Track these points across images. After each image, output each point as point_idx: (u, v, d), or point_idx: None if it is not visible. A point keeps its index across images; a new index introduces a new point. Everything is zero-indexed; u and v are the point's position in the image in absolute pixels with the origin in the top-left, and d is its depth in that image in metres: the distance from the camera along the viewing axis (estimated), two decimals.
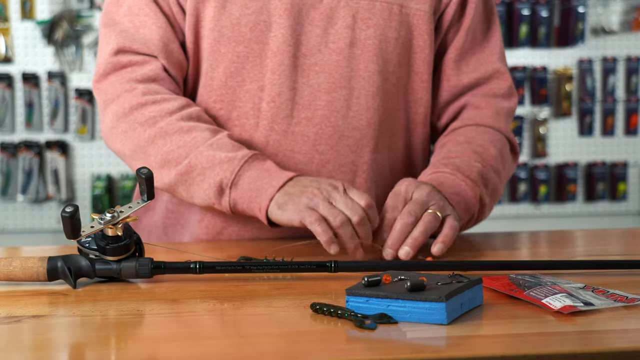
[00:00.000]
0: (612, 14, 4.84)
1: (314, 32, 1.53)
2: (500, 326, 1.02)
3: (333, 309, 1.03)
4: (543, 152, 4.83)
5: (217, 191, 1.46)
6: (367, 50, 1.55)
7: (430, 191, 1.40)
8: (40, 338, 1.00)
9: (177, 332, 1.01)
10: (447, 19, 1.60)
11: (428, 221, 1.37)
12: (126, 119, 1.52)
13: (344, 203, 1.36)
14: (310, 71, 1.53)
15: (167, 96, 1.53)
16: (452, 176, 1.49)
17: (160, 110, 1.51)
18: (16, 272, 1.19)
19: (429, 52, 1.59)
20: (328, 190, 1.38)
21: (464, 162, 1.52)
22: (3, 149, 4.49)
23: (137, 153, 1.52)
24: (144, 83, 1.53)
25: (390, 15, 1.56)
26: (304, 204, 1.37)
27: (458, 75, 1.63)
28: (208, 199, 1.47)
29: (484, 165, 1.53)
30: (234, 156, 1.46)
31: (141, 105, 1.52)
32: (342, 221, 1.34)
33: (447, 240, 1.37)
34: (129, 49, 1.55)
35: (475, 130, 1.60)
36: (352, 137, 1.56)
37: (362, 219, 1.35)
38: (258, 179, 1.44)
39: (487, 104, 1.63)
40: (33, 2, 4.49)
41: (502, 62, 1.65)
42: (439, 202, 1.40)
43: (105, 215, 1.18)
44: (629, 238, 1.73)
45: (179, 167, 1.48)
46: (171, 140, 1.49)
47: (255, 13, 1.52)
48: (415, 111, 1.61)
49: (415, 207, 1.37)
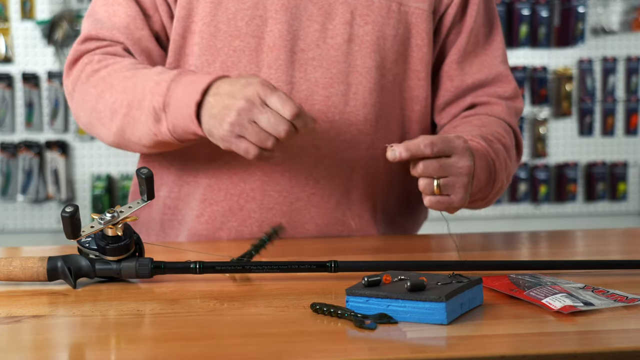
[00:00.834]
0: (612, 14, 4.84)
1: (312, 27, 1.54)
2: (500, 326, 1.02)
3: (333, 309, 1.03)
4: (543, 152, 4.83)
5: (155, 119, 1.45)
6: (365, 46, 1.55)
7: (468, 168, 1.35)
8: (40, 338, 1.00)
9: (177, 332, 1.01)
10: (448, 20, 1.60)
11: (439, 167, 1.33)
12: (83, 87, 1.55)
13: (267, 121, 1.32)
14: (307, 66, 1.54)
15: (120, 58, 1.54)
16: (484, 150, 1.46)
17: (110, 69, 1.52)
18: (16, 272, 1.19)
19: (426, 51, 1.59)
20: (248, 110, 1.34)
21: (490, 139, 1.51)
22: (3, 149, 4.49)
23: (93, 115, 1.54)
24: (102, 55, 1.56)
25: (389, 12, 1.56)
26: (228, 131, 1.35)
27: (462, 76, 1.62)
28: (151, 133, 1.46)
29: (505, 149, 1.53)
30: (161, 78, 1.45)
31: (95, 71, 1.54)
32: (272, 144, 1.33)
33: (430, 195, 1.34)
34: (95, 36, 1.58)
35: (489, 119, 1.60)
36: (349, 133, 1.56)
37: (289, 134, 1.33)
38: (186, 91, 1.42)
39: (498, 101, 1.63)
40: (33, 2, 4.49)
41: (504, 66, 1.65)
42: (463, 180, 1.36)
43: (105, 215, 1.18)
44: (629, 238, 1.73)
45: (121, 110, 1.49)
46: (115, 89, 1.50)
47: (252, 8, 1.53)
48: (411, 109, 1.61)
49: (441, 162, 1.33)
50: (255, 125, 1.34)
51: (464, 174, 1.34)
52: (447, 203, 1.35)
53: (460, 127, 1.56)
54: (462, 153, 1.34)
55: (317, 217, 1.56)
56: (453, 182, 1.34)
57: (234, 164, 1.55)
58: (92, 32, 1.58)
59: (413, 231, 1.71)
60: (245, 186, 1.55)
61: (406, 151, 1.31)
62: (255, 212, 1.56)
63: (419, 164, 1.32)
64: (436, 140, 1.32)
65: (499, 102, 1.63)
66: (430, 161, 1.32)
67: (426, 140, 1.31)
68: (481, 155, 1.43)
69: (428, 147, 1.31)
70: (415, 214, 1.70)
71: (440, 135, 1.34)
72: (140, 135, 1.48)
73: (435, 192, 1.33)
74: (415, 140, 1.31)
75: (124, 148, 1.57)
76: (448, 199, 1.35)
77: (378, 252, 1.50)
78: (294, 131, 1.33)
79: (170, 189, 1.61)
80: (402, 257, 1.38)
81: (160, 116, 1.44)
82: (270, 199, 1.55)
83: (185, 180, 1.60)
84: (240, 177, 1.56)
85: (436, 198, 1.34)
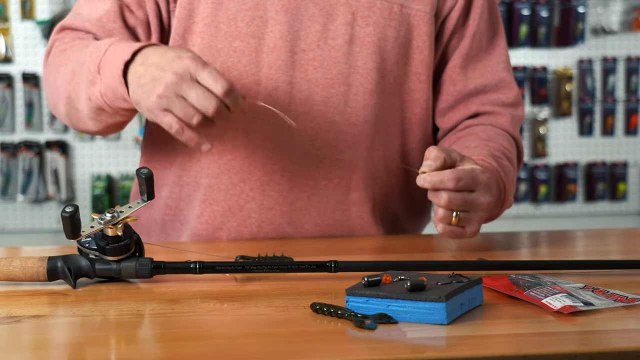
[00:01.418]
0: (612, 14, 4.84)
1: (313, 28, 1.54)
2: (500, 326, 1.02)
3: (333, 309, 1.03)
4: (543, 152, 4.83)
5: (90, 82, 1.44)
6: (366, 47, 1.55)
7: (488, 205, 1.36)
8: (40, 338, 1.00)
9: (177, 332, 1.01)
10: (451, 24, 1.60)
11: (455, 199, 1.33)
12: (48, 68, 1.57)
13: (196, 96, 1.30)
14: (308, 66, 1.54)
15: (84, 36, 1.55)
16: (497, 173, 1.47)
17: (73, 45, 1.53)
18: (16, 272, 1.19)
19: (428, 54, 1.59)
20: (177, 83, 1.31)
21: (500, 157, 1.52)
22: (3, 149, 4.50)
23: (54, 93, 1.55)
24: None
25: (391, 14, 1.56)
26: (155, 103, 1.33)
27: (464, 80, 1.62)
28: (87, 98, 1.45)
29: (511, 165, 1.54)
30: (102, 42, 1.45)
31: (61, 51, 1.55)
32: (197, 121, 1.31)
33: (447, 222, 1.35)
34: (69, 26, 1.58)
35: (494, 131, 1.60)
36: (349, 134, 1.56)
37: (217, 111, 1.30)
38: (119, 55, 1.40)
39: (502, 110, 1.63)
40: (33, 2, 4.49)
41: (507, 72, 1.65)
42: (481, 215, 1.37)
43: (105, 215, 1.18)
44: (629, 238, 1.73)
45: (67, 77, 1.49)
46: (69, 62, 1.50)
47: (252, 8, 1.53)
48: (411, 111, 1.61)
49: (464, 191, 1.34)
50: (183, 100, 1.31)
51: (483, 209, 1.36)
52: (461, 234, 1.37)
53: (466, 139, 1.57)
54: (485, 189, 1.36)
55: (316, 217, 1.56)
56: (471, 217, 1.36)
57: (234, 164, 1.55)
58: (67, 22, 1.59)
59: (417, 231, 1.71)
60: (245, 186, 1.55)
61: (430, 183, 1.31)
62: (255, 212, 1.56)
63: (443, 195, 1.32)
64: (462, 176, 1.32)
65: (503, 112, 1.63)
66: (455, 195, 1.32)
67: (451, 175, 1.31)
68: (492, 175, 1.44)
69: (452, 181, 1.31)
70: (418, 215, 1.70)
71: (466, 170, 1.33)
72: (82, 104, 1.48)
73: (453, 222, 1.34)
74: (441, 173, 1.31)
75: (76, 126, 1.57)
76: (462, 230, 1.37)
77: (378, 252, 1.50)
78: (223, 108, 1.31)
79: (171, 190, 1.61)
80: (402, 257, 1.38)
81: (95, 78, 1.43)
82: (270, 199, 1.55)
83: (186, 180, 1.60)
84: (240, 177, 1.56)
85: (451, 228, 1.36)
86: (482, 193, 1.35)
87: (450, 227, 1.35)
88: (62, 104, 1.53)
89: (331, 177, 1.56)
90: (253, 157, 1.55)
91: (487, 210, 1.37)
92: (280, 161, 1.54)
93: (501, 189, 1.47)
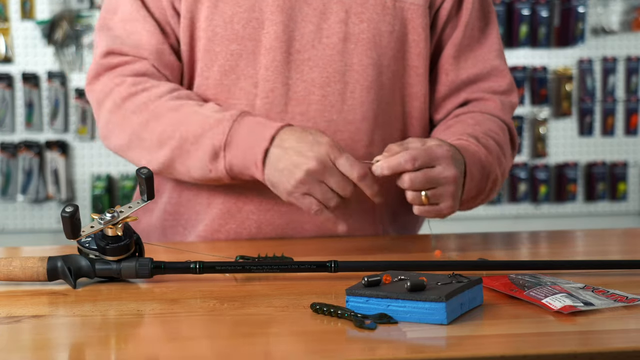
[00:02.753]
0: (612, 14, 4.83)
1: (307, 28, 1.54)
2: (500, 326, 1.02)
3: (333, 309, 1.03)
4: (543, 152, 4.83)
5: (212, 156, 1.47)
6: (361, 44, 1.55)
7: (454, 176, 1.38)
8: (40, 338, 1.00)
9: (177, 332, 1.01)
10: (444, 14, 1.61)
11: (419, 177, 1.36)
12: (119, 111, 1.55)
13: (336, 183, 1.38)
14: (304, 66, 1.54)
15: (156, 82, 1.55)
16: (475, 147, 1.49)
17: (150, 95, 1.53)
18: (16, 272, 1.19)
19: (424, 46, 1.59)
20: (319, 172, 1.38)
21: (482, 137, 1.53)
22: (3, 149, 4.49)
23: (133, 141, 1.54)
24: (133, 77, 1.55)
25: (384, 9, 1.56)
26: (295, 188, 1.39)
27: (457, 70, 1.63)
28: (205, 168, 1.48)
29: (499, 146, 1.55)
30: (222, 117, 1.47)
31: (132, 94, 1.54)
32: (335, 203, 1.39)
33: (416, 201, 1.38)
34: (119, 51, 1.57)
35: (482, 116, 1.61)
36: (347, 131, 1.56)
37: (350, 194, 1.38)
38: (250, 134, 1.44)
39: (491, 97, 1.64)
40: (33, 2, 4.49)
41: (500, 60, 1.66)
42: (451, 189, 1.39)
43: (105, 215, 1.18)
44: (629, 238, 1.73)
45: (172, 142, 1.49)
46: (163, 120, 1.50)
47: (248, 10, 1.53)
48: (411, 105, 1.62)
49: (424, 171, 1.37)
50: (324, 185, 1.38)
51: (451, 182, 1.38)
52: (436, 212, 1.39)
53: (454, 128, 1.57)
54: (447, 162, 1.37)
55: (316, 218, 1.56)
56: (441, 192, 1.38)
57: None
58: (114, 46, 1.57)
59: (415, 228, 1.71)
60: (244, 188, 1.55)
61: (388, 169, 1.36)
62: (253, 214, 1.56)
63: (405, 178, 1.36)
64: (417, 155, 1.36)
65: (492, 97, 1.64)
66: (415, 174, 1.36)
67: (407, 156, 1.35)
68: (471, 152, 1.46)
69: (409, 162, 1.35)
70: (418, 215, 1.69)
71: (421, 148, 1.37)
72: (191, 168, 1.50)
73: (424, 202, 1.36)
74: (396, 156, 1.36)
75: (164, 174, 1.57)
76: (437, 207, 1.39)
77: (378, 252, 1.50)
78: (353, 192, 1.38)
79: (170, 195, 1.62)
80: (402, 257, 1.38)
81: (219, 154, 1.46)
82: (269, 201, 1.55)
83: (185, 185, 1.60)
84: None
85: (425, 208, 1.38)
86: (445, 166, 1.37)
87: (424, 208, 1.38)
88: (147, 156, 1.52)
89: None
90: None
91: (457, 183, 1.38)
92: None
93: (483, 161, 1.48)
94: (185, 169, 1.51)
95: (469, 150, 1.46)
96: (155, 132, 1.51)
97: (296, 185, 1.39)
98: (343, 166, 1.38)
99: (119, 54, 1.57)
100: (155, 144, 1.51)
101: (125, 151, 1.57)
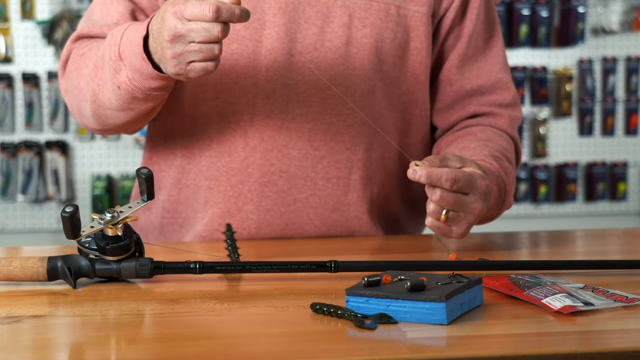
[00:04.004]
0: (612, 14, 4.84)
1: (310, 30, 1.54)
2: (500, 326, 1.02)
3: (333, 309, 1.03)
4: (543, 152, 4.83)
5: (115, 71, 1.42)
6: (363, 49, 1.55)
7: (480, 211, 1.35)
8: (40, 338, 1.00)
9: (177, 332, 1.01)
10: (447, 23, 1.60)
11: (452, 199, 1.32)
12: (71, 73, 1.55)
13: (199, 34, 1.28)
14: (305, 68, 1.54)
15: (102, 41, 1.53)
16: (497, 173, 1.47)
17: (92, 47, 1.52)
18: (16, 272, 1.19)
19: (425, 55, 1.59)
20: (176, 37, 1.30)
21: (499, 157, 1.52)
22: (3, 149, 4.50)
23: (78, 96, 1.53)
24: None
25: (387, 15, 1.56)
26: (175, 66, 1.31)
27: (461, 80, 1.63)
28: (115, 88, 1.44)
29: (511, 165, 1.55)
30: (115, 30, 1.44)
31: (80, 55, 1.54)
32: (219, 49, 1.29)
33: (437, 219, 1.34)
34: (87, 34, 1.57)
35: (493, 131, 1.60)
36: (346, 134, 1.56)
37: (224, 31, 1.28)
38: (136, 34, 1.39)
39: (501, 111, 1.63)
40: (33, 2, 4.49)
41: (505, 73, 1.65)
42: (471, 219, 1.36)
43: (105, 215, 1.18)
44: (629, 238, 1.73)
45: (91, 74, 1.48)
46: (90, 61, 1.49)
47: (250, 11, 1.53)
48: (410, 112, 1.62)
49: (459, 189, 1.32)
50: (193, 44, 1.30)
51: (474, 214, 1.35)
52: (447, 232, 1.35)
53: (464, 139, 1.57)
54: (479, 195, 1.34)
55: (315, 218, 1.56)
56: (461, 218, 1.34)
57: (233, 166, 1.55)
58: (84, 30, 1.58)
59: (416, 232, 1.71)
60: (243, 188, 1.55)
61: (427, 178, 1.30)
62: (253, 214, 1.56)
63: (437, 192, 1.31)
64: (460, 178, 1.31)
65: (501, 112, 1.63)
66: (448, 194, 1.31)
67: (450, 175, 1.30)
68: (494, 177, 1.44)
69: (449, 182, 1.30)
70: (417, 216, 1.70)
71: (465, 172, 1.32)
72: (109, 96, 1.47)
73: (442, 219, 1.33)
74: (440, 170, 1.30)
75: (105, 124, 1.55)
76: (449, 229, 1.35)
77: (378, 252, 1.50)
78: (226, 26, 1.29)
79: (170, 193, 1.61)
80: (402, 257, 1.38)
81: (119, 65, 1.42)
82: (269, 201, 1.55)
83: (185, 183, 1.60)
84: (238, 179, 1.56)
85: (438, 224, 1.34)
86: (477, 199, 1.34)
87: (437, 223, 1.34)
88: (88, 104, 1.52)
89: (329, 177, 1.56)
90: (251, 158, 1.55)
91: (479, 216, 1.36)
92: (278, 162, 1.54)
93: (502, 189, 1.47)
94: (107, 101, 1.47)
95: (491, 173, 1.44)
96: (85, 76, 1.50)
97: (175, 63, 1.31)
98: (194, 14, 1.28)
99: (87, 36, 1.57)
100: (85, 88, 1.50)
101: (80, 117, 1.57)
